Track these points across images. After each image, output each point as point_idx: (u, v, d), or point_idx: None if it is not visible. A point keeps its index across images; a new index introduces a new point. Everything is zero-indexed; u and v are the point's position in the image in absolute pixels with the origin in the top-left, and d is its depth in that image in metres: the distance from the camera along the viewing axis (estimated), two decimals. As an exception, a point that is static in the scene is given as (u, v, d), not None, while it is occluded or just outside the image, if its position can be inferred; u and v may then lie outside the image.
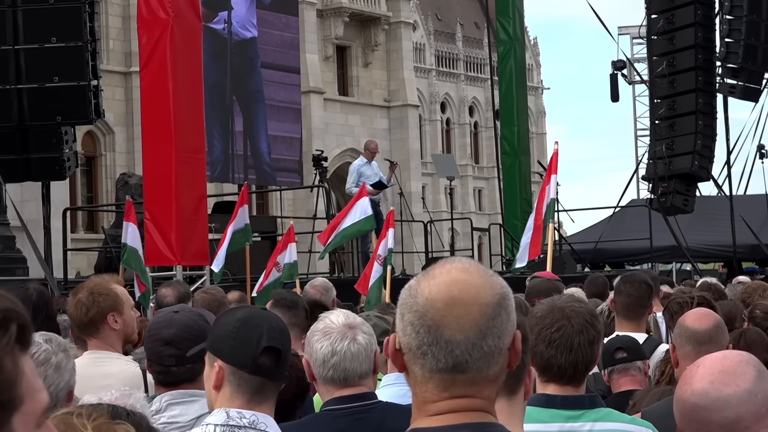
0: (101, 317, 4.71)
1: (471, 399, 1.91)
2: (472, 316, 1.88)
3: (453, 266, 1.94)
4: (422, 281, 1.93)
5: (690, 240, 21.94)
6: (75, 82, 12.87)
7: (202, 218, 11.83)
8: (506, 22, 23.95)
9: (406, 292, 1.94)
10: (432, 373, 1.90)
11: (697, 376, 2.29)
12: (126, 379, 4.43)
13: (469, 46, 75.73)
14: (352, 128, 51.29)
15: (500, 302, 1.92)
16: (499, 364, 1.92)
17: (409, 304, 1.92)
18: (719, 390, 2.24)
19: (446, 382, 1.89)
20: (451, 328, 1.88)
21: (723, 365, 2.28)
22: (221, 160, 31.02)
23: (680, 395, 2.31)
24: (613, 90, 26.21)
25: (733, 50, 21.00)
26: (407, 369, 1.93)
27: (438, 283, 1.91)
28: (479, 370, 1.89)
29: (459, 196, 67.31)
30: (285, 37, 34.50)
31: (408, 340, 1.91)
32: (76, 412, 2.14)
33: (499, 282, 1.94)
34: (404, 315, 1.92)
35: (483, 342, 1.88)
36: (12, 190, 16.06)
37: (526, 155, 23.95)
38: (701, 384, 2.26)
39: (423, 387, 1.92)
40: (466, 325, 1.88)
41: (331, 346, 3.55)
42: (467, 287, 1.90)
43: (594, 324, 3.39)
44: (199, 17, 11.99)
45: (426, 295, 1.90)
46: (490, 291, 1.92)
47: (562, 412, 3.28)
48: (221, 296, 7.09)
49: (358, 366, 3.55)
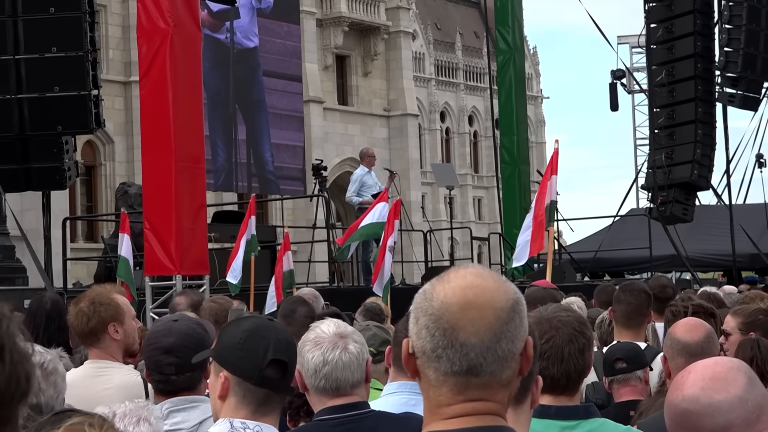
0: (102, 327, 4.70)
1: (485, 402, 1.92)
2: (487, 319, 1.91)
3: (468, 271, 1.97)
4: (437, 285, 1.95)
5: (689, 249, 21.94)
6: (75, 91, 12.88)
7: (201, 227, 11.82)
8: (506, 31, 23.97)
9: (420, 296, 1.96)
10: (446, 377, 1.91)
11: (689, 382, 2.30)
12: (127, 389, 4.42)
13: (469, 55, 75.77)
14: (352, 137, 51.30)
15: (514, 307, 1.94)
16: (512, 369, 1.94)
17: (424, 308, 1.94)
18: (710, 396, 2.25)
19: (460, 385, 1.91)
20: (466, 331, 1.90)
21: (714, 371, 2.29)
22: (225, 169, 31.06)
23: (671, 401, 2.32)
24: (613, 99, 26.24)
25: (732, 59, 21.01)
26: (420, 373, 1.95)
27: (453, 287, 1.93)
28: (493, 374, 1.91)
29: (458, 206, 67.27)
30: (287, 46, 34.59)
31: (422, 343, 1.92)
32: (87, 421, 2.15)
33: (512, 288, 1.97)
34: (419, 318, 1.94)
35: (497, 346, 1.90)
36: (12, 200, 16.07)
37: (525, 164, 23.95)
38: (692, 390, 2.28)
39: (437, 391, 1.93)
40: (481, 329, 1.90)
41: (322, 356, 3.54)
42: (482, 291, 1.93)
43: (583, 332, 3.39)
44: (199, 27, 12.00)
45: (441, 299, 1.92)
46: (504, 296, 1.94)
47: (556, 422, 3.27)
48: (229, 305, 7.10)
49: (350, 375, 3.55)
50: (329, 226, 18.49)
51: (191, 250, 11.48)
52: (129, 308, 4.85)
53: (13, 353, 1.34)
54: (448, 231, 31.39)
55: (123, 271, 11.85)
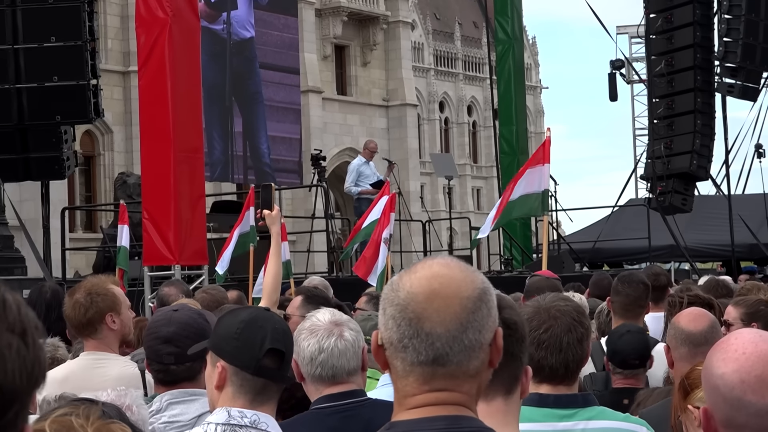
0: (100, 318, 4.68)
1: (450, 393, 1.92)
2: (452, 309, 1.90)
3: (434, 262, 1.97)
4: (404, 276, 1.96)
5: (688, 239, 21.94)
6: (74, 81, 12.85)
7: (200, 218, 11.82)
8: (505, 21, 23.94)
9: (388, 287, 1.97)
10: (413, 367, 1.91)
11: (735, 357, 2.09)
12: (125, 380, 4.41)
13: (468, 45, 75.71)
14: (351, 128, 51.27)
15: (481, 296, 1.94)
16: (479, 359, 1.93)
17: (390, 299, 1.94)
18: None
19: (426, 375, 1.91)
20: (431, 321, 1.90)
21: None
22: (221, 161, 31.04)
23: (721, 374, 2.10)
24: (612, 89, 26.17)
25: (732, 50, 20.97)
26: (389, 364, 1.96)
27: (419, 277, 1.94)
28: (459, 364, 1.91)
29: (457, 196, 67.28)
30: (284, 38, 34.52)
31: (389, 334, 1.93)
32: (74, 412, 2.14)
33: (480, 277, 1.97)
34: (386, 309, 1.94)
35: (463, 335, 1.90)
36: (10, 190, 16.06)
37: (524, 155, 23.90)
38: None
39: (404, 381, 1.94)
40: (447, 318, 1.90)
41: (318, 344, 3.55)
42: (448, 281, 1.92)
43: (581, 321, 3.38)
44: (197, 16, 11.99)
45: (407, 289, 1.92)
46: (471, 285, 1.94)
47: (555, 411, 3.27)
48: (221, 296, 7.08)
49: (346, 363, 3.56)
50: (328, 216, 18.49)
51: (190, 240, 11.48)
52: (124, 298, 4.84)
53: (34, 336, 1.34)
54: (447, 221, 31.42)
55: (123, 260, 11.94)
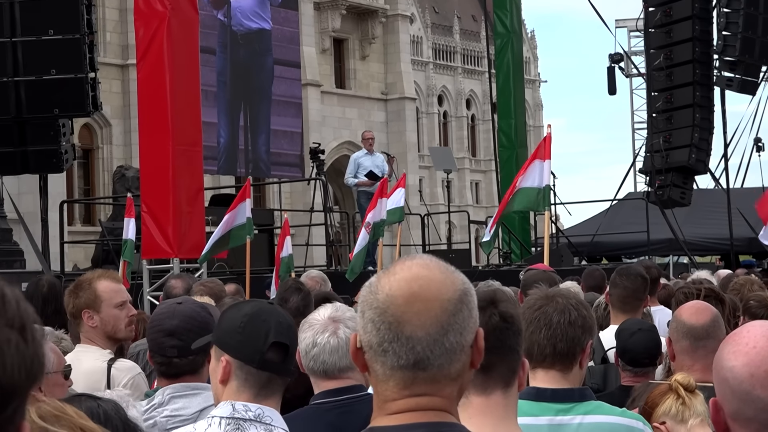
0: (78, 313, 4.75)
1: (430, 398, 1.88)
2: (433, 312, 1.86)
3: (414, 263, 1.92)
4: (383, 278, 1.91)
5: (687, 233, 21.94)
6: (72, 74, 12.84)
7: (199, 211, 11.82)
8: (503, 14, 23.93)
9: (366, 289, 1.92)
10: (393, 371, 1.87)
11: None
12: (87, 374, 4.41)
13: (467, 38, 75.68)
14: (350, 121, 51.27)
15: (461, 298, 1.89)
16: (461, 362, 1.89)
17: (369, 301, 1.89)
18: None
19: (407, 379, 1.87)
20: (412, 325, 1.85)
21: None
22: (226, 153, 30.99)
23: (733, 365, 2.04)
24: (611, 83, 26.15)
25: (731, 43, 20.95)
26: (369, 368, 1.91)
27: (398, 279, 1.88)
28: (441, 368, 1.87)
29: (456, 189, 67.28)
30: (285, 32, 34.47)
31: (369, 337, 1.88)
32: (37, 413, 2.15)
33: (461, 278, 1.92)
34: (365, 312, 1.90)
35: (444, 338, 1.86)
36: (9, 183, 16.06)
37: (523, 148, 23.94)
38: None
39: (384, 385, 1.90)
40: (427, 321, 1.86)
41: (312, 338, 3.62)
42: (428, 283, 1.88)
43: (579, 309, 3.33)
44: (196, 10, 11.98)
45: (387, 292, 1.88)
46: (452, 287, 1.89)
47: (552, 405, 3.25)
48: (219, 289, 7.08)
49: (338, 359, 3.58)
50: (327, 209, 18.50)
51: (189, 234, 11.49)
52: (110, 296, 4.78)
53: (33, 332, 1.33)
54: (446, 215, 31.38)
55: (129, 253, 11.94)
